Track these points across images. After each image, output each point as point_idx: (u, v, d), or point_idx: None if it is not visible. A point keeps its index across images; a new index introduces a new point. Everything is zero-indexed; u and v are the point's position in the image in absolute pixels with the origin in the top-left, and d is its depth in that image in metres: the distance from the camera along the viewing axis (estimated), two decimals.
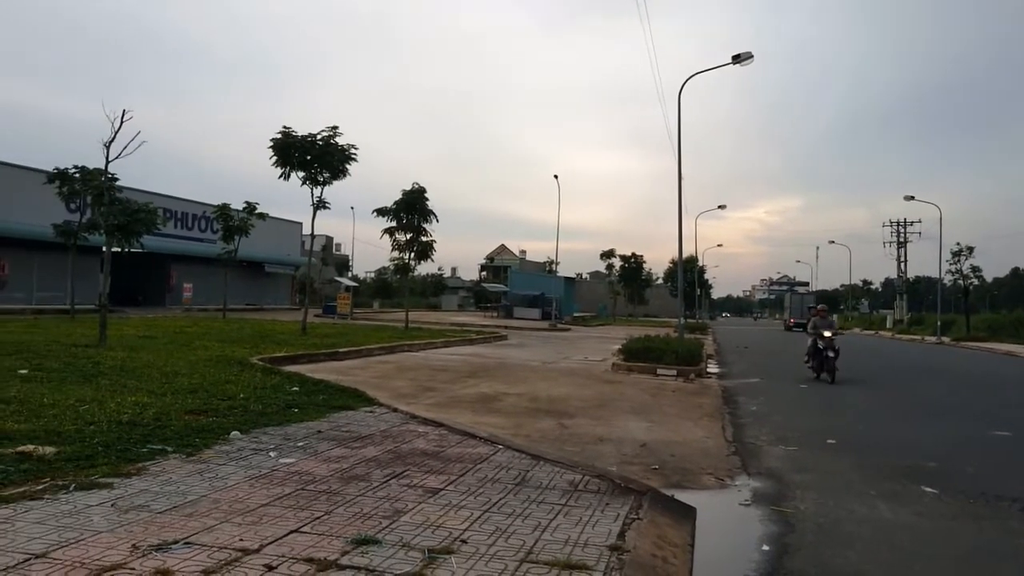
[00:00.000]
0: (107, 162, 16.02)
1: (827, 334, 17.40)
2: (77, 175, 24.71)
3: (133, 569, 3.81)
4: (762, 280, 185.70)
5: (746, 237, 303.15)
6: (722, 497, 6.71)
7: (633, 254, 66.05)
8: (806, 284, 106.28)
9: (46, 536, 4.23)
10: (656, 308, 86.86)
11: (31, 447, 6.00)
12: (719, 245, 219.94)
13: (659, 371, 17.14)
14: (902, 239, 72.44)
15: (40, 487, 5.15)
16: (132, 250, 18.34)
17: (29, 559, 3.88)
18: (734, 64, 22.73)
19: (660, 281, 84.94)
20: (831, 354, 17.01)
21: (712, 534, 5.64)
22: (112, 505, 4.87)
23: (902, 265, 73.03)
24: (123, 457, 6.07)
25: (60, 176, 25.18)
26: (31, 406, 7.79)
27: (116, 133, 15.45)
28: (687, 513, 5.78)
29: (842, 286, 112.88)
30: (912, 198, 50.96)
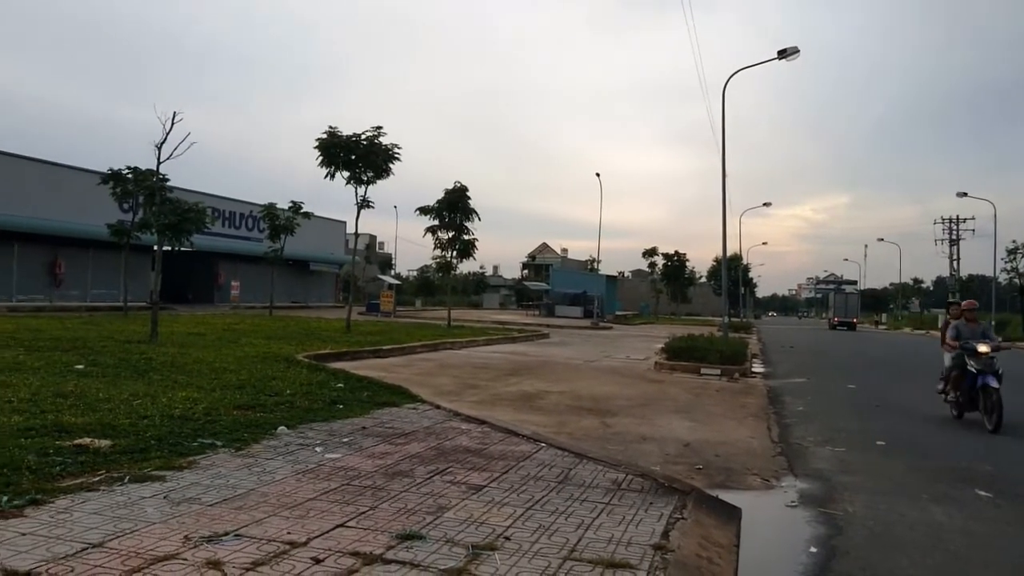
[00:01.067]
0: (158, 163, 16.43)
1: (983, 349, 10.72)
2: (130, 176, 25.35)
3: (186, 560, 3.90)
4: (808, 279, 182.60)
5: (792, 235, 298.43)
6: (768, 498, 6.62)
7: (676, 252, 65.58)
8: (854, 283, 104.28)
9: (102, 526, 4.35)
10: (699, 307, 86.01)
11: (88, 440, 6.18)
12: (764, 243, 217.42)
13: (703, 370, 16.97)
14: (954, 237, 70.53)
15: (96, 479, 5.31)
16: (182, 249, 18.74)
17: (87, 548, 4.00)
18: (780, 59, 22.40)
19: (703, 279, 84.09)
20: (993, 383, 10.35)
21: (758, 535, 5.57)
22: (165, 497, 4.99)
23: (954, 263, 71.12)
24: (175, 451, 6.22)
25: (114, 177, 25.87)
26: (87, 400, 8.02)
27: (167, 135, 15.84)
28: (732, 514, 5.72)
29: (891, 285, 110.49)
30: (965, 195, 49.67)
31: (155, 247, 17.12)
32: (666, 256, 65.36)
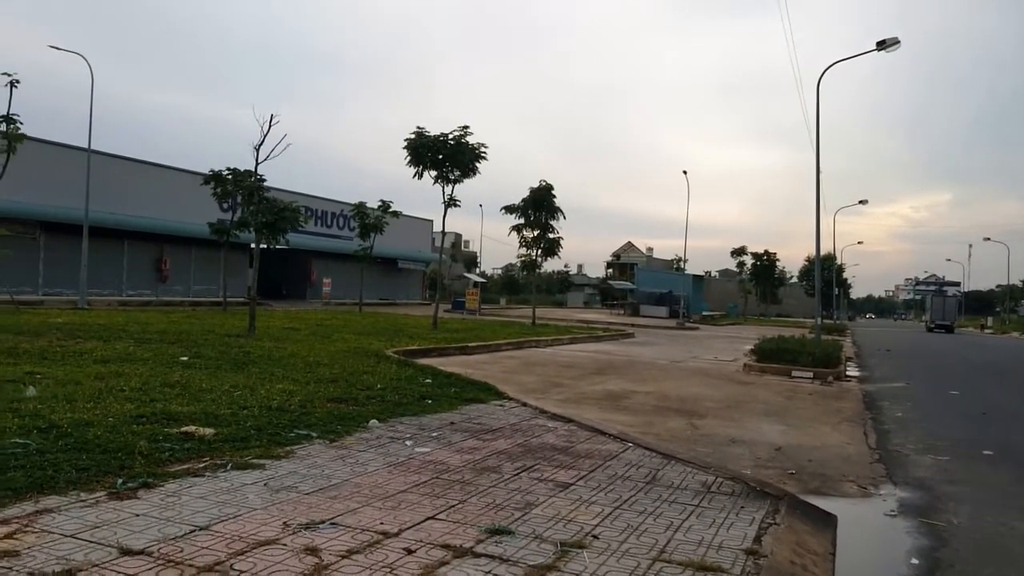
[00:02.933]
0: (256, 164, 17.06)
1: None
2: (229, 177, 26.44)
3: (285, 545, 4.06)
4: (907, 279, 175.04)
5: (889, 234, 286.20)
6: (865, 506, 6.39)
7: (766, 251, 63.74)
8: (956, 284, 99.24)
9: (208, 510, 4.57)
10: (790, 308, 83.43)
11: (193, 428, 6.50)
12: (859, 242, 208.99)
13: (794, 373, 16.48)
14: None
15: (201, 465, 5.58)
16: (278, 246, 19.43)
17: (194, 530, 4.21)
18: (879, 51, 21.51)
19: (794, 280, 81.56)
20: None
21: (855, 544, 5.39)
22: (265, 485, 5.20)
23: None
24: (273, 440, 6.47)
25: (215, 178, 27.04)
26: (192, 390, 8.43)
27: (264, 136, 16.44)
28: (827, 521, 5.55)
29: (999, 287, 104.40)
30: None
31: (253, 245, 17.81)
32: (755, 255, 63.63)
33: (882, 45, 21.38)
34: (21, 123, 21.70)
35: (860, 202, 59.02)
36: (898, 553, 5.17)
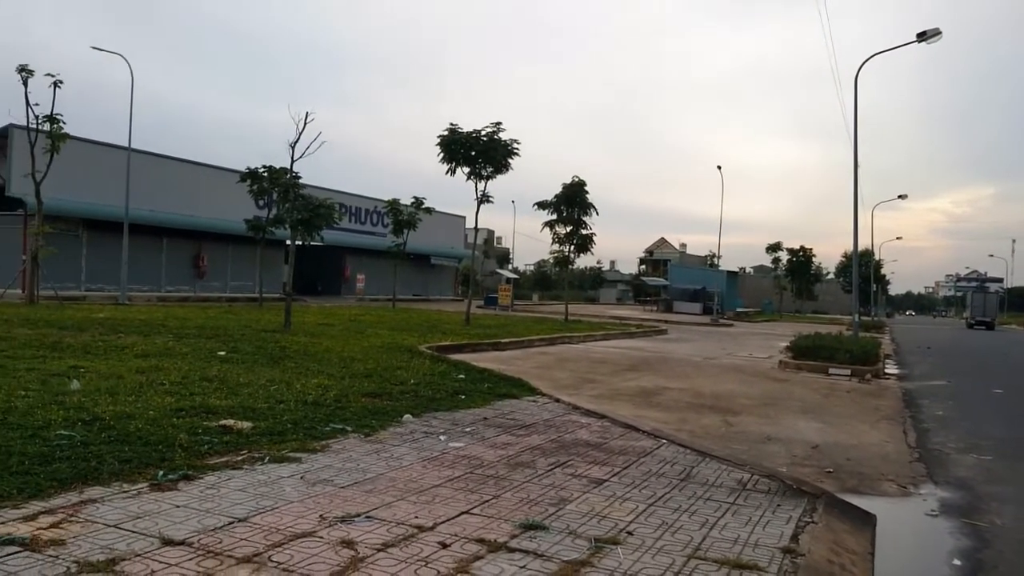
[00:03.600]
0: (292, 161, 17.27)
1: None
2: (265, 174, 26.78)
3: (321, 538, 4.10)
4: (947, 276, 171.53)
5: (929, 229, 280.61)
6: (905, 506, 6.28)
7: (802, 247, 62.91)
8: (999, 280, 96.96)
9: (246, 502, 4.64)
10: (826, 304, 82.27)
11: (231, 421, 6.60)
12: (898, 238, 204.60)
13: (831, 370, 16.25)
14: None
15: (240, 458, 5.66)
16: (313, 243, 19.62)
17: (233, 522, 4.28)
18: (919, 42, 21.09)
19: (831, 276, 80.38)
20: None
21: (894, 544, 5.30)
22: (301, 478, 5.26)
23: None
24: (309, 434, 6.54)
25: (251, 175, 27.40)
26: (230, 385, 8.56)
27: (300, 134, 16.63)
28: (866, 520, 5.47)
29: None
30: None
31: (288, 241, 18.01)
32: (791, 251, 62.82)
33: (923, 36, 20.97)
34: (64, 123, 22.28)
35: (899, 197, 57.85)
36: (939, 554, 5.08)
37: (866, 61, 22.37)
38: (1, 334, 12.18)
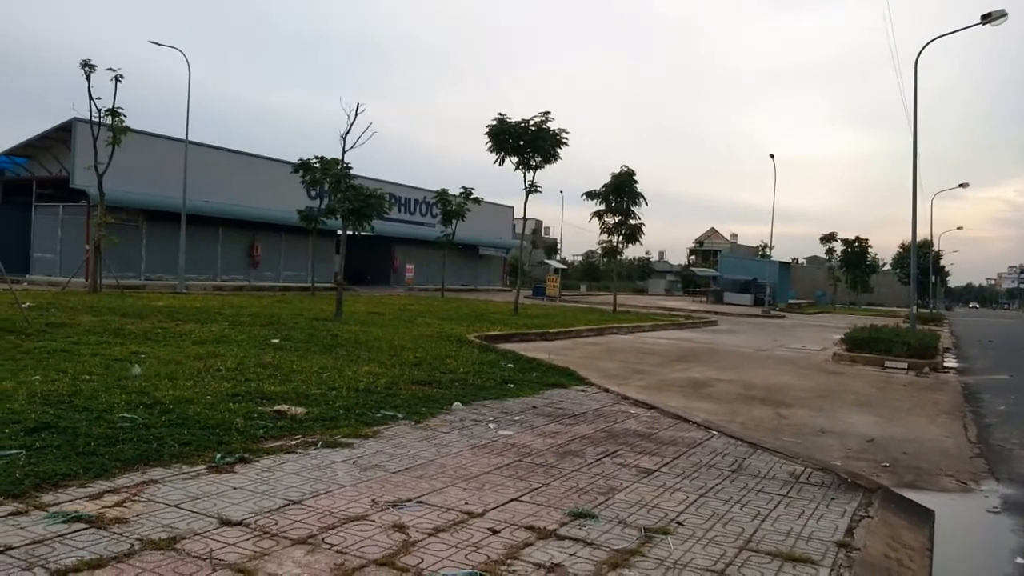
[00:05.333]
0: (343, 152, 17.47)
1: None
2: (317, 165, 27.15)
3: (373, 521, 4.17)
4: (1010, 267, 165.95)
5: (992, 219, 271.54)
6: (965, 502, 6.11)
7: (857, 238, 61.31)
8: None
9: (300, 486, 4.74)
10: (882, 296, 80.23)
11: (285, 407, 6.74)
12: (959, 228, 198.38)
13: (887, 363, 15.86)
14: None
15: (294, 442, 5.78)
16: (363, 233, 19.86)
17: (288, 504, 4.38)
18: (983, 24, 20.35)
19: (887, 267, 78.31)
20: None
21: (953, 540, 5.17)
22: (353, 463, 5.35)
23: None
24: (361, 420, 6.65)
25: (303, 167, 27.82)
26: (283, 371, 8.74)
27: (351, 125, 16.81)
28: (924, 516, 5.34)
29: None
30: None
31: (339, 231, 18.25)
32: (846, 242, 61.30)
33: (987, 18, 20.22)
34: (125, 116, 22.91)
35: (960, 185, 55.99)
36: (1001, 551, 4.94)
37: (927, 44, 21.67)
38: (66, 321, 12.62)
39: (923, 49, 21.63)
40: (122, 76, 22.45)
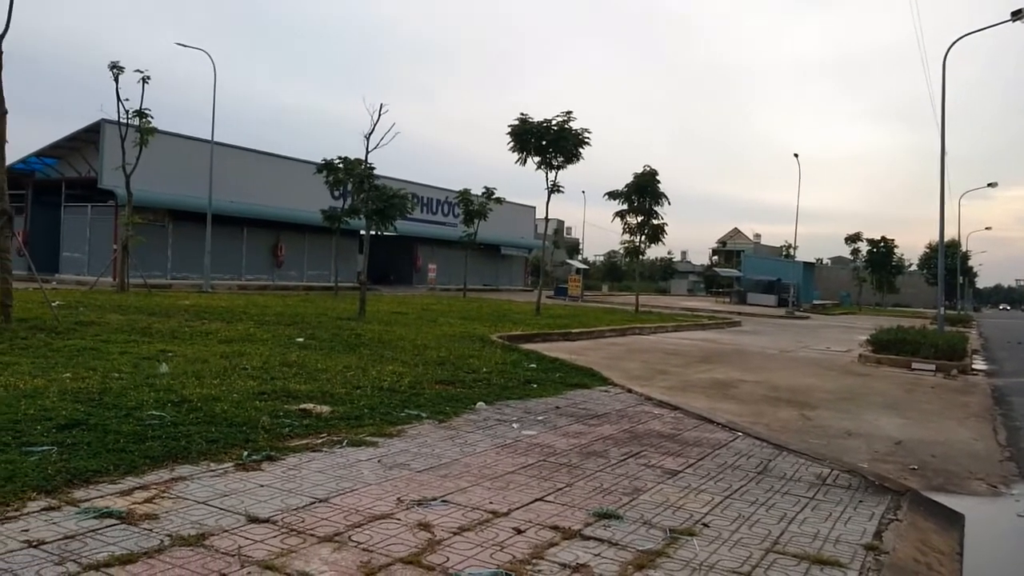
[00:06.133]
0: (367, 152, 17.54)
1: None
2: (341, 166, 27.29)
3: (399, 520, 4.19)
4: None
5: (1021, 219, 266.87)
6: (996, 506, 6.02)
7: (883, 238, 60.54)
8: None
9: (326, 484, 4.78)
10: (908, 297, 79.24)
11: (311, 405, 6.79)
12: (987, 228, 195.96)
13: (914, 365, 15.67)
14: None
15: (319, 440, 5.82)
16: (386, 233, 19.94)
17: (314, 502, 4.41)
18: (1013, 21, 20.06)
19: (913, 268, 77.31)
20: None
21: (984, 544, 5.10)
22: (379, 461, 5.38)
23: None
24: (385, 419, 6.68)
25: (327, 167, 27.98)
26: (308, 370, 8.80)
27: (374, 126, 16.89)
28: (954, 519, 5.27)
29: None
30: None
31: (363, 231, 18.35)
32: (871, 242, 60.58)
33: (1017, 15, 19.94)
34: (152, 117, 23.19)
35: (989, 185, 55.06)
36: None
37: (955, 42, 21.40)
38: (96, 319, 12.80)
39: (952, 46, 21.36)
40: (149, 78, 22.75)
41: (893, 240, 60.63)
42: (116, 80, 22.37)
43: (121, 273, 23.20)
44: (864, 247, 61.02)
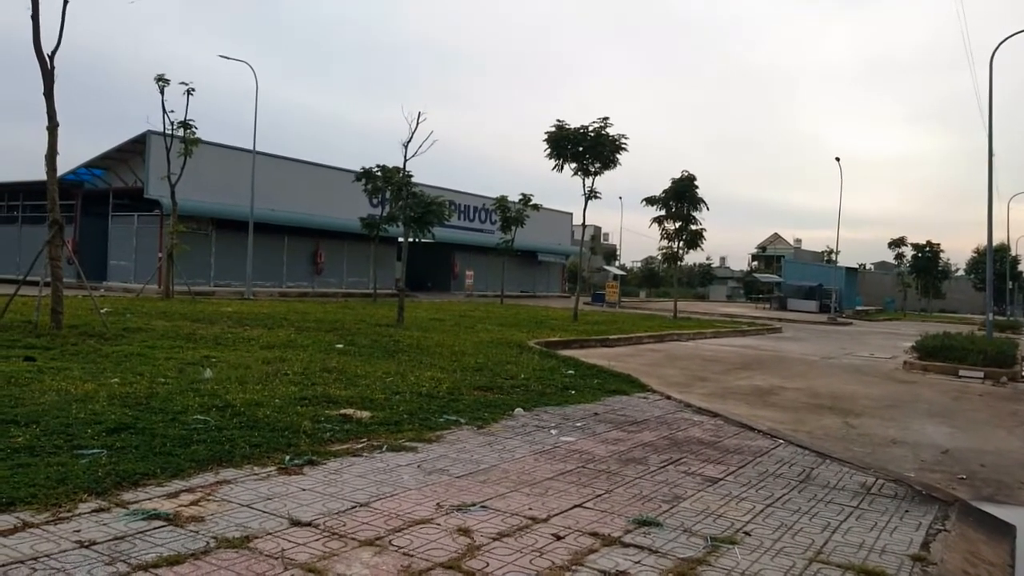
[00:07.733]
0: (405, 160, 17.70)
1: None
2: (379, 173, 27.56)
3: (439, 525, 4.22)
4: None
5: None
6: None
7: (928, 242, 59.40)
8: None
9: (367, 488, 4.83)
10: (955, 303, 77.38)
11: (351, 411, 6.87)
12: None
13: (961, 372, 15.30)
14: None
15: (359, 445, 5.89)
16: (424, 240, 20.07)
17: (355, 506, 4.46)
18: None
19: (960, 273, 75.55)
20: None
21: None
22: (418, 467, 5.42)
23: None
24: (424, 425, 6.73)
25: (366, 175, 28.28)
26: (348, 376, 8.90)
27: (413, 134, 17.04)
28: (1005, 530, 5.14)
29: None
30: None
31: (401, 238, 18.49)
32: (916, 246, 59.44)
33: None
34: (196, 128, 23.68)
35: None
36: None
37: (1003, 41, 20.92)
38: (142, 326, 13.10)
39: (999, 47, 20.88)
40: (194, 89, 23.23)
41: (939, 244, 59.46)
42: (162, 92, 22.89)
43: (166, 280, 23.70)
44: (909, 252, 59.93)
